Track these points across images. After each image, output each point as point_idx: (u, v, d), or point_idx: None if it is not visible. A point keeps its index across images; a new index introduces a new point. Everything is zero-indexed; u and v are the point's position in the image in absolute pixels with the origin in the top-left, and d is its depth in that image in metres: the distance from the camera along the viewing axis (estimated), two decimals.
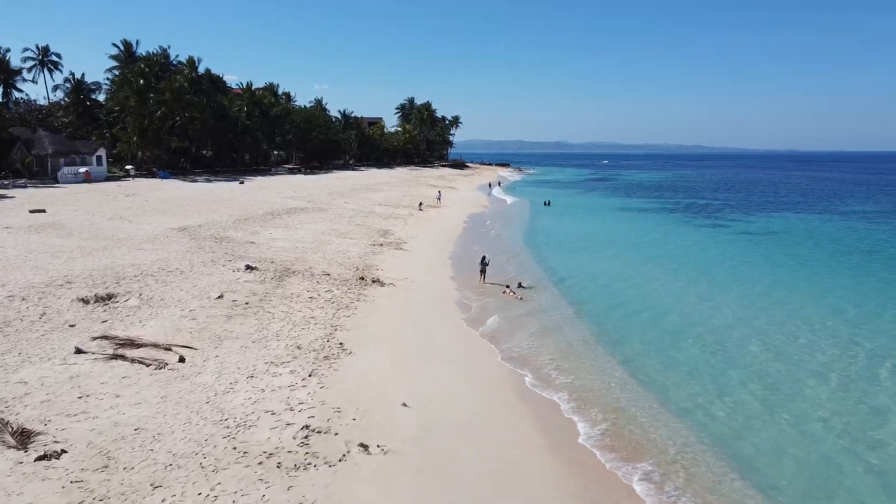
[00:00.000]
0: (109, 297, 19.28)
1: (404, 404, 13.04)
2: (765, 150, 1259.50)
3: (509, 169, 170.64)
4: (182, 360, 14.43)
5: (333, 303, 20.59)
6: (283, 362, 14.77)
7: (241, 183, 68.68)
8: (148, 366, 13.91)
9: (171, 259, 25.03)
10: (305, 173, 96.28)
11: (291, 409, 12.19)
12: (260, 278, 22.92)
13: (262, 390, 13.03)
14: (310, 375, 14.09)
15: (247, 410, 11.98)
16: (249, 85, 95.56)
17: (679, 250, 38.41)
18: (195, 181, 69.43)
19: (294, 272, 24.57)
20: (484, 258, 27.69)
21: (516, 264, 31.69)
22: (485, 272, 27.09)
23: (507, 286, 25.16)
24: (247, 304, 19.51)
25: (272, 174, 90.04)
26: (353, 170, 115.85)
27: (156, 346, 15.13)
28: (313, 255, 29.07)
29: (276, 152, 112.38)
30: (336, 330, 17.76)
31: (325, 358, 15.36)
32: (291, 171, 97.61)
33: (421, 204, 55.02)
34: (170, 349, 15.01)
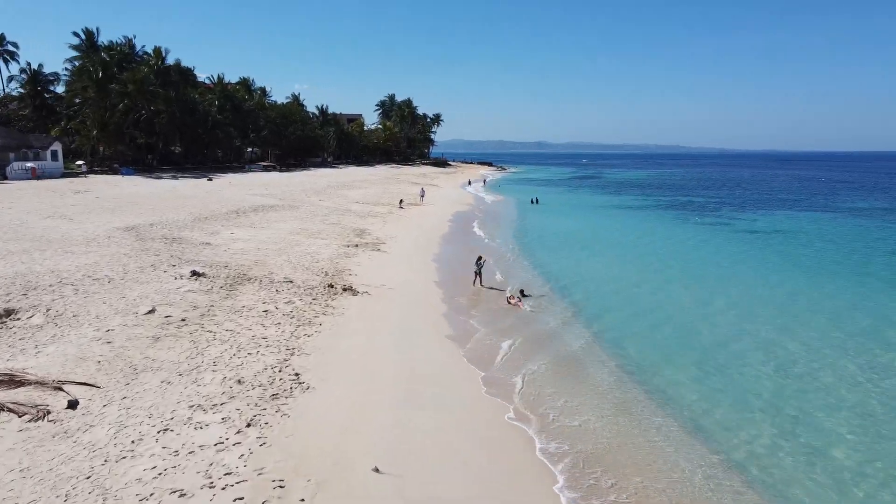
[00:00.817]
0: (8, 313, 15.32)
1: (376, 469, 9.38)
2: (742, 149, 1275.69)
3: (492, 167, 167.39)
4: (73, 405, 10.61)
5: (293, 318, 16.82)
6: (215, 405, 11.01)
7: (210, 180, 64.37)
8: (21, 415, 10.07)
9: (101, 264, 21.01)
10: (281, 171, 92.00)
11: (211, 486, 8.45)
12: (206, 287, 19.04)
13: (176, 452, 9.26)
14: (248, 426, 10.34)
15: (143, 491, 8.21)
16: (221, 77, 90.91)
17: (676, 249, 35.21)
18: (160, 178, 64.91)
19: (250, 279, 20.72)
20: (480, 258, 24.32)
21: (507, 266, 28.18)
22: (480, 274, 23.74)
23: (511, 295, 21.65)
24: (183, 321, 15.66)
25: (246, 171, 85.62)
26: (332, 167, 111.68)
27: (42, 383, 11.26)
28: (277, 258, 25.23)
29: (250, 149, 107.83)
30: (292, 355, 14.00)
31: (274, 397, 11.62)
32: (266, 169, 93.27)
33: (402, 201, 51.31)
34: (61, 388, 11.16)
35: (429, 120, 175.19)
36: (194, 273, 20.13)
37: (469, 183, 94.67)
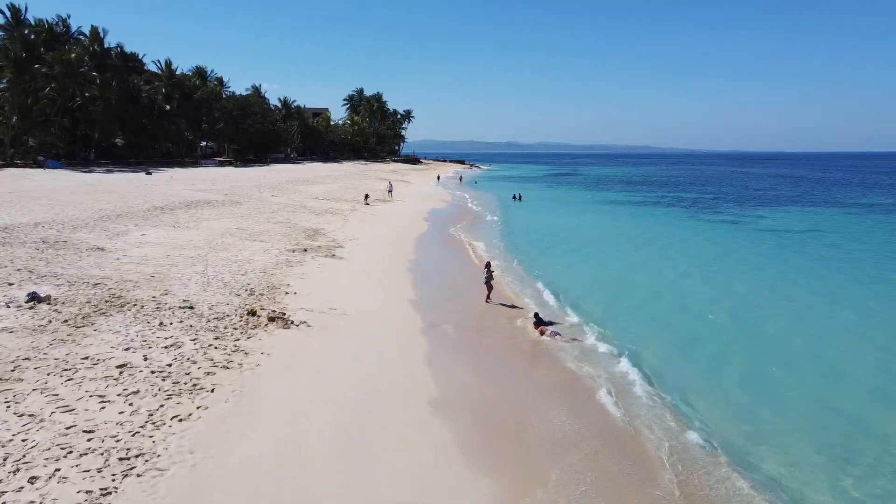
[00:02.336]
0: None
1: None
2: (709, 150, 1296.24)
3: (465, 165, 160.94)
4: None
5: (168, 377, 9.82)
6: None
7: (149, 174, 56.32)
8: None
9: None
10: (237, 166, 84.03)
11: None
12: (42, 320, 11.88)
13: None
14: None
15: None
16: (168, 63, 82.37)
17: (689, 252, 29.03)
18: (92, 171, 56.64)
19: (125, 304, 13.60)
20: (488, 266, 18.33)
21: (502, 275, 21.55)
22: (491, 286, 17.87)
23: (541, 323, 15.12)
24: None
25: (198, 167, 77.43)
26: (295, 163, 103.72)
27: None
28: (188, 268, 18.12)
29: (205, 143, 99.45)
30: (127, 474, 7.04)
31: None
32: (222, 164, 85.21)
33: (367, 197, 44.22)
34: None
35: (399, 116, 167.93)
36: (33, 297, 12.92)
37: (438, 179, 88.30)
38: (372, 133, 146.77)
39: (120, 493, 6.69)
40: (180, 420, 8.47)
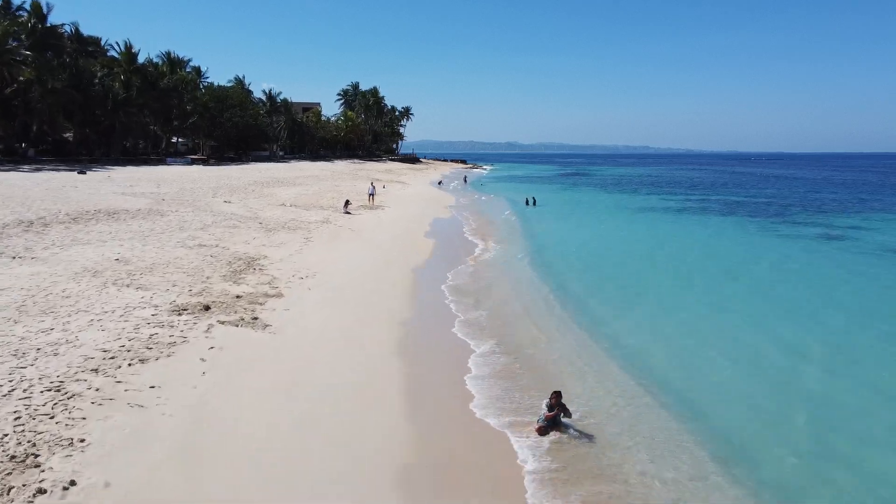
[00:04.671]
0: None
1: None
2: (706, 150, 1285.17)
3: (466, 165, 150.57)
4: None
5: None
6: None
7: (82, 173, 45.76)
8: None
9: None
10: (210, 165, 73.47)
11: None
12: None
13: None
14: None
15: None
16: (129, 47, 71.64)
17: (860, 294, 18.74)
18: (15, 170, 46.12)
19: None
20: (557, 398, 8.15)
21: (546, 331, 11.15)
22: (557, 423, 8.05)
23: None
24: None
25: (162, 165, 66.94)
26: (281, 162, 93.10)
27: None
28: None
29: (177, 139, 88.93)
30: None
31: None
32: (192, 162, 74.61)
33: (348, 203, 33.57)
34: None
35: (398, 112, 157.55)
36: None
37: (440, 183, 77.29)
38: (368, 130, 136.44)
39: None
40: None
